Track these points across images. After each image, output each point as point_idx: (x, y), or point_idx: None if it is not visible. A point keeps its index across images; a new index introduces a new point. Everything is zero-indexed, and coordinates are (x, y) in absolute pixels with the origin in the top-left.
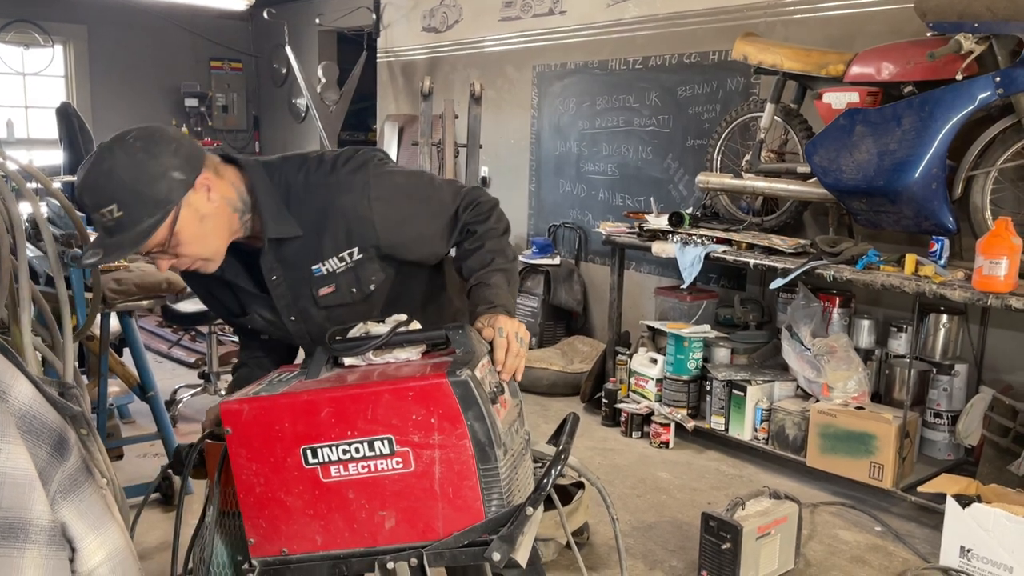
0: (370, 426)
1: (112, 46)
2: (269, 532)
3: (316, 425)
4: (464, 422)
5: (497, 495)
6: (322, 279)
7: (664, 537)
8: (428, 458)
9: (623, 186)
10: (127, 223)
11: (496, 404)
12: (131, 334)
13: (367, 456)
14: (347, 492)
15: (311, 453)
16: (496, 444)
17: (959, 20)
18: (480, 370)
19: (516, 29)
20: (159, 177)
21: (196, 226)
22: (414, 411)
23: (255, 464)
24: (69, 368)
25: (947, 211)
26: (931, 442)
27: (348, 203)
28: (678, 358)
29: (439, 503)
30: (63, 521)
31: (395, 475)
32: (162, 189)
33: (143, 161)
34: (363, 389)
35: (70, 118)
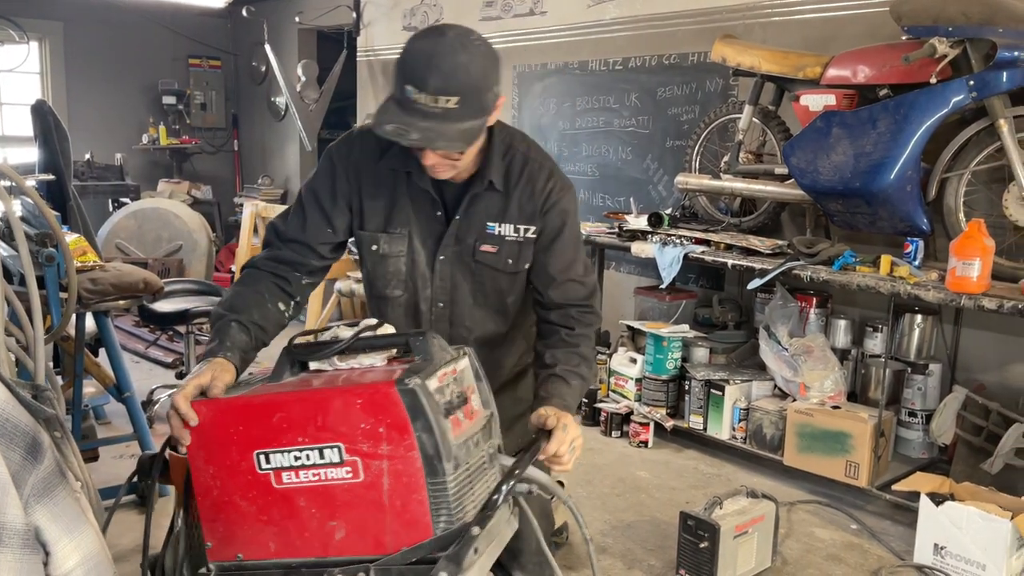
0: (320, 433)
1: (88, 43)
2: (225, 537)
3: (269, 430)
4: (412, 433)
5: (446, 512)
6: (490, 237)
7: (643, 536)
8: (377, 469)
9: (603, 186)
10: (453, 116)
11: (455, 415)
12: (107, 334)
13: (317, 464)
14: (299, 500)
15: (264, 458)
16: (445, 458)
17: (934, 24)
18: (438, 379)
19: (496, 29)
20: (492, 86)
21: (478, 140)
22: (363, 419)
23: (211, 467)
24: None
25: (921, 213)
26: (906, 441)
27: (555, 189)
28: (657, 358)
29: (388, 516)
30: (37, 525)
31: (345, 485)
32: (490, 98)
33: (489, 68)
34: (313, 394)
35: (45, 116)
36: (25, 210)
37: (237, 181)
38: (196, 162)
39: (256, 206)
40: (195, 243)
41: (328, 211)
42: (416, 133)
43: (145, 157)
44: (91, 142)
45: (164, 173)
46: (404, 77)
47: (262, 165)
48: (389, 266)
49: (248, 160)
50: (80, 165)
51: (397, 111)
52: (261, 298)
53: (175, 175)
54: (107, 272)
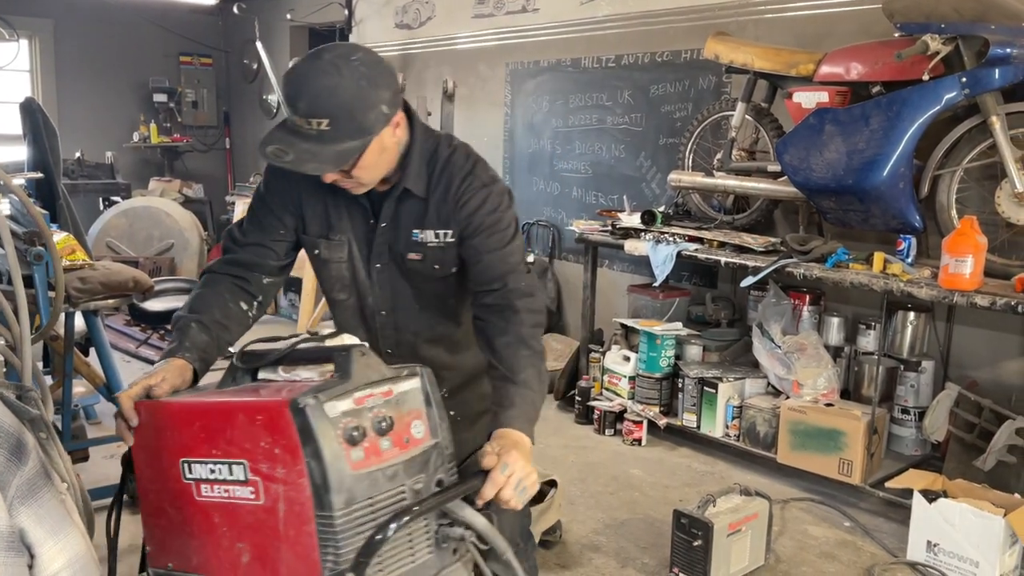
0: (229, 447)
1: (79, 41)
2: (160, 543)
3: (191, 438)
4: (302, 458)
5: (332, 550)
6: (415, 245)
7: (636, 534)
8: (275, 493)
9: (596, 184)
10: (328, 138)
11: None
12: (97, 334)
13: (227, 480)
14: (214, 516)
15: (188, 467)
16: (335, 489)
17: (926, 21)
18: (353, 401)
19: (489, 26)
20: (372, 106)
21: (376, 156)
22: (262, 437)
23: (149, 470)
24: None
25: (914, 210)
26: (898, 438)
27: (469, 188)
28: (650, 356)
29: (284, 545)
30: (21, 527)
31: (248, 506)
32: (371, 118)
33: (364, 88)
34: (224, 406)
35: (34, 114)
36: (13, 208)
37: (229, 179)
38: (187, 160)
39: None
40: (186, 242)
41: (277, 212)
42: (291, 155)
43: (136, 155)
44: (81, 140)
45: (155, 171)
46: (284, 99)
47: (254, 163)
48: (332, 271)
49: (240, 158)
50: (70, 163)
51: (281, 132)
52: (221, 298)
53: (166, 173)
54: (96, 271)
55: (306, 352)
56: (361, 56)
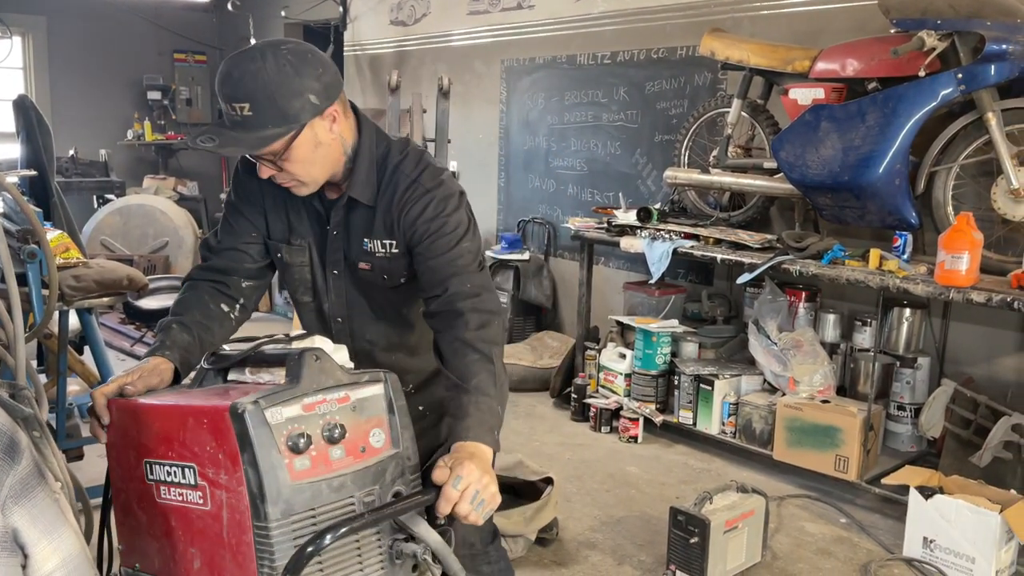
0: (182, 450)
1: (72, 38)
2: (129, 542)
3: (152, 439)
4: (241, 464)
5: (268, 562)
6: (365, 254)
7: (633, 532)
8: (219, 499)
9: (592, 181)
10: (252, 124)
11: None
12: (91, 332)
13: (180, 483)
14: (171, 518)
15: (150, 468)
16: (270, 500)
17: (922, 17)
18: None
19: (484, 23)
20: (297, 94)
21: (310, 150)
22: (208, 441)
23: (120, 468)
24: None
25: (910, 206)
26: (895, 434)
27: (413, 197)
28: (646, 353)
29: (227, 554)
30: (14, 527)
31: (198, 511)
32: (295, 106)
33: (289, 75)
34: (177, 409)
35: (28, 111)
36: (7, 206)
37: (223, 177)
38: (182, 158)
39: None
40: (181, 240)
41: (247, 216)
42: (216, 141)
43: (130, 153)
44: (75, 138)
45: (149, 169)
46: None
47: None
48: (295, 274)
49: (234, 156)
50: (64, 161)
51: (214, 123)
52: (201, 300)
53: (161, 171)
54: (90, 269)
55: (269, 355)
56: (292, 47)
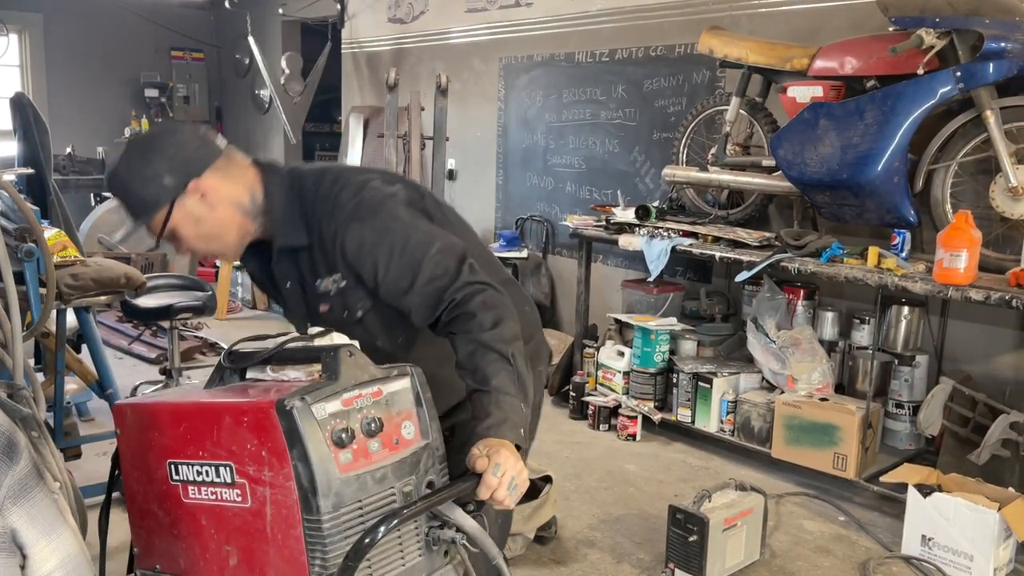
0: (216, 449)
1: (69, 35)
2: (147, 545)
3: (178, 439)
4: (289, 460)
5: (320, 554)
6: (321, 296)
7: (631, 530)
8: (261, 496)
9: (590, 179)
10: (132, 214)
11: (359, 444)
12: (89, 330)
13: (214, 482)
14: (201, 518)
15: (175, 469)
16: (322, 493)
17: (920, 15)
18: (341, 402)
19: (482, 21)
20: (149, 181)
21: (192, 226)
22: (248, 439)
23: (136, 471)
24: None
25: (908, 204)
26: (893, 432)
27: (341, 223)
28: (645, 351)
29: (271, 549)
30: (13, 527)
31: (235, 508)
32: (152, 191)
33: (138, 166)
34: (211, 407)
35: (24, 108)
36: (3, 204)
37: None
38: None
39: None
40: None
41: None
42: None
43: None
44: (72, 135)
45: None
46: None
47: None
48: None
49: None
50: (61, 159)
51: None
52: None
53: None
54: (88, 267)
55: (294, 352)
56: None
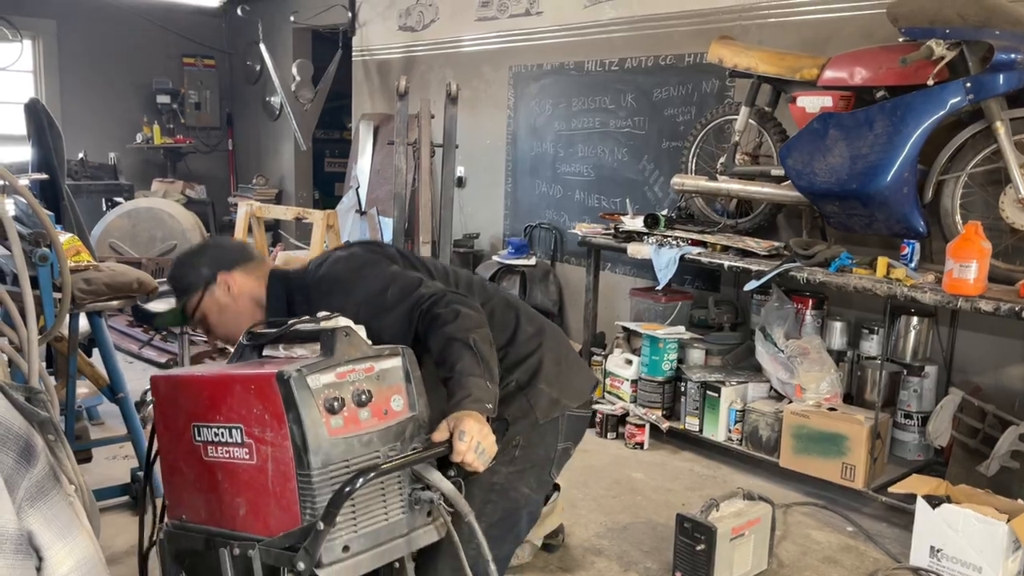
0: (229, 413)
1: (82, 41)
2: (175, 497)
3: (201, 405)
4: (286, 422)
5: (310, 504)
6: None
7: (639, 538)
8: (264, 453)
9: (599, 187)
10: (175, 294)
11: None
12: (101, 334)
13: (228, 442)
14: (218, 473)
15: (197, 431)
16: (312, 451)
17: (930, 26)
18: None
19: (492, 29)
20: (191, 269)
21: (216, 313)
22: (255, 405)
23: (168, 433)
24: (35, 371)
25: (918, 215)
26: (901, 443)
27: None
28: (653, 359)
29: (272, 500)
30: (30, 529)
31: (244, 465)
32: (192, 278)
33: (187, 258)
34: (226, 378)
35: (38, 114)
36: (18, 209)
37: (231, 181)
38: (190, 161)
39: (250, 206)
40: (189, 243)
41: None
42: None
43: (139, 156)
44: (85, 141)
45: (158, 172)
46: None
47: (256, 165)
48: None
49: (242, 160)
50: (74, 164)
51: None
52: None
53: (169, 174)
54: (101, 272)
55: (301, 332)
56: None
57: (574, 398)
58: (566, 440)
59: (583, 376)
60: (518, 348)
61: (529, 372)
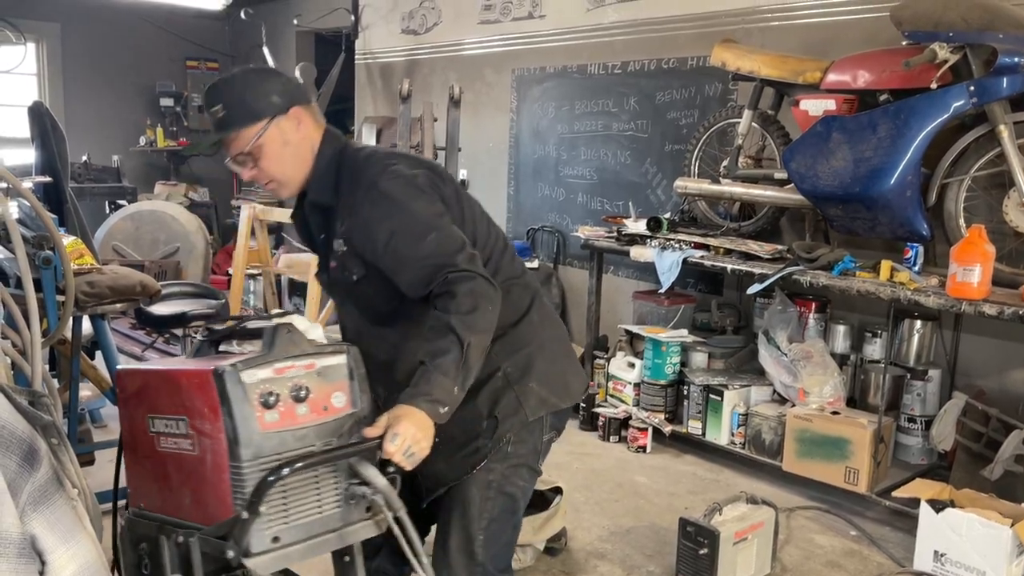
0: (176, 406)
1: (86, 44)
2: (135, 486)
3: (154, 398)
4: (221, 416)
5: (240, 495)
6: (333, 253)
7: (642, 542)
8: (204, 445)
9: (601, 190)
10: (227, 123)
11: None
12: (104, 337)
13: (175, 433)
14: (168, 463)
15: (152, 422)
16: (243, 444)
17: (934, 29)
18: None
19: (495, 32)
20: (261, 95)
21: (279, 147)
22: (196, 398)
23: (129, 425)
24: (38, 374)
25: (922, 218)
26: (905, 447)
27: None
28: (656, 362)
29: (210, 490)
30: (33, 533)
31: (188, 456)
32: (260, 103)
33: (254, 80)
34: (174, 372)
35: (42, 117)
36: (22, 212)
37: (234, 183)
38: (193, 164)
39: (253, 208)
40: (192, 245)
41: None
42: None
43: (142, 159)
44: (88, 144)
45: (161, 175)
46: None
47: None
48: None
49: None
50: (77, 167)
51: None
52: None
53: (172, 177)
54: (104, 275)
55: (252, 330)
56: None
57: (565, 398)
58: (550, 431)
59: (578, 377)
60: (518, 335)
61: (521, 367)
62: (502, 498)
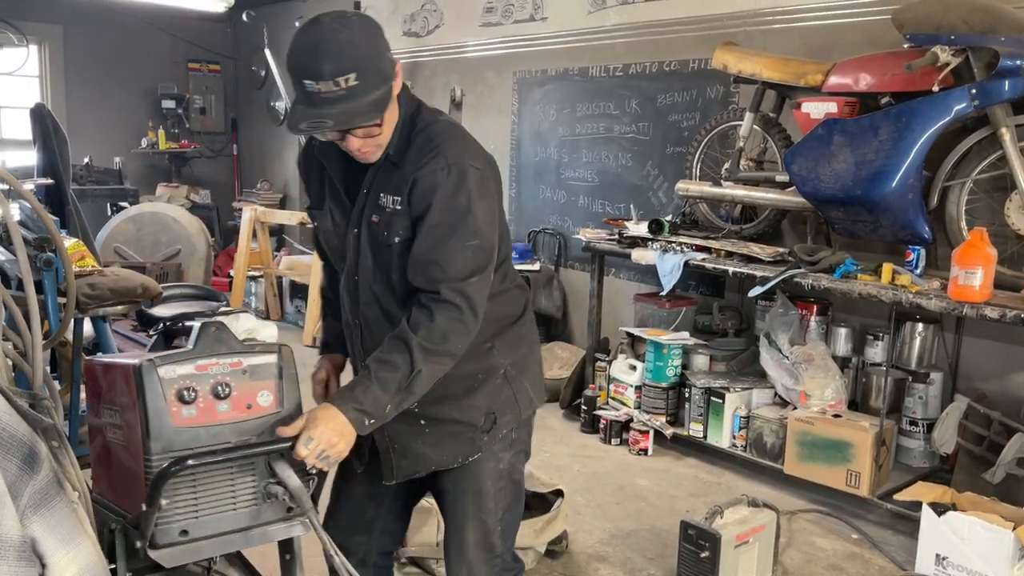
0: (114, 398)
1: (88, 46)
2: (96, 473)
3: (104, 390)
4: (138, 408)
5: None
6: (378, 208)
7: (643, 545)
8: (129, 436)
9: (603, 193)
10: (359, 92)
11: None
12: (105, 339)
13: (114, 424)
14: (112, 452)
15: (102, 413)
16: (153, 438)
17: (936, 32)
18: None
19: (497, 35)
20: (383, 52)
21: (392, 109)
22: (123, 391)
23: (93, 414)
24: (39, 376)
25: (923, 221)
26: (907, 450)
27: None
28: (657, 365)
29: (133, 480)
30: (33, 536)
31: (120, 446)
32: (387, 64)
33: (374, 36)
34: (111, 366)
35: (44, 119)
36: (23, 214)
37: (236, 185)
38: (195, 166)
39: (255, 210)
40: (193, 247)
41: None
42: (330, 120)
43: (144, 161)
44: (90, 146)
45: (163, 177)
46: (300, 74)
47: (261, 169)
48: (326, 239)
49: (247, 164)
50: (79, 169)
51: (305, 108)
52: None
53: (174, 179)
54: (106, 277)
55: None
56: (354, 13)
57: (542, 400)
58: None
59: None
60: (517, 334)
61: (519, 366)
62: (512, 486)
